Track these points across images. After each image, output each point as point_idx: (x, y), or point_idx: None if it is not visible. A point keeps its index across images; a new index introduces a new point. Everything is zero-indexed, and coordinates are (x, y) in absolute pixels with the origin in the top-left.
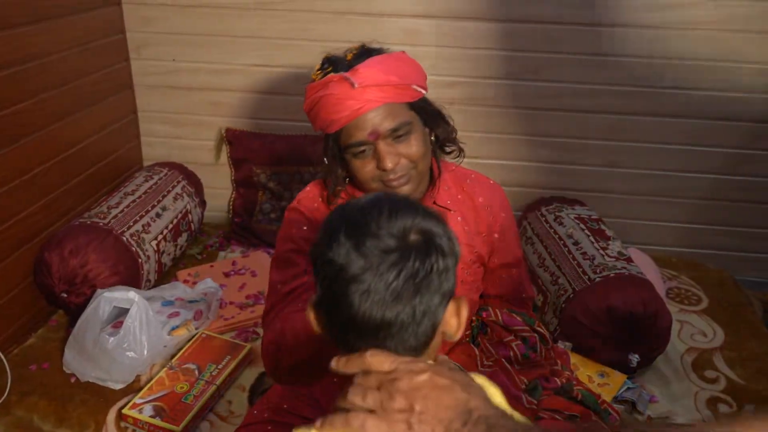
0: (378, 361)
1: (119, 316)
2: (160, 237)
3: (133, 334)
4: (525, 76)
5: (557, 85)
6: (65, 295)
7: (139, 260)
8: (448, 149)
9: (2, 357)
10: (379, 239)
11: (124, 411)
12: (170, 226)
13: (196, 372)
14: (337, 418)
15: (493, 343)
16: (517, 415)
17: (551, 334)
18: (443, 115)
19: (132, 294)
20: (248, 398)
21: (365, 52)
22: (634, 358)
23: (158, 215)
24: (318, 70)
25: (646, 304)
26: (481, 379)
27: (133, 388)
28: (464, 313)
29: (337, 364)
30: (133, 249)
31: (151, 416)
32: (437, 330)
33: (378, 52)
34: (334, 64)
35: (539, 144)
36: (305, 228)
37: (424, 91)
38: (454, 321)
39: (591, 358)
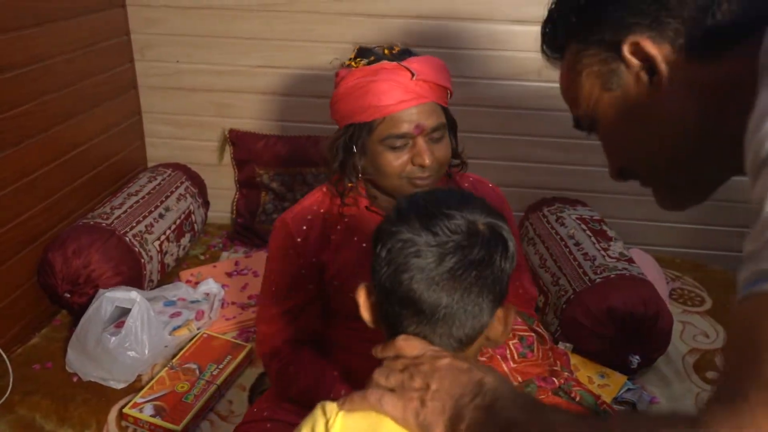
0: (409, 345)
1: (121, 316)
2: (163, 237)
3: (134, 334)
4: (525, 76)
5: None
6: (68, 295)
7: (142, 260)
8: (453, 162)
9: (5, 357)
10: (450, 220)
11: (125, 410)
12: (173, 226)
13: (197, 372)
14: (357, 394)
15: None
16: None
17: (552, 335)
18: (456, 128)
19: (134, 294)
20: (248, 398)
21: (407, 51)
22: (635, 359)
23: (161, 216)
24: (357, 58)
25: (646, 304)
26: None
27: (134, 387)
28: (511, 321)
29: (376, 351)
30: (136, 249)
31: (151, 415)
32: (483, 332)
33: (415, 53)
34: (376, 55)
35: (540, 144)
36: (291, 254)
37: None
38: (500, 327)
39: (591, 359)
